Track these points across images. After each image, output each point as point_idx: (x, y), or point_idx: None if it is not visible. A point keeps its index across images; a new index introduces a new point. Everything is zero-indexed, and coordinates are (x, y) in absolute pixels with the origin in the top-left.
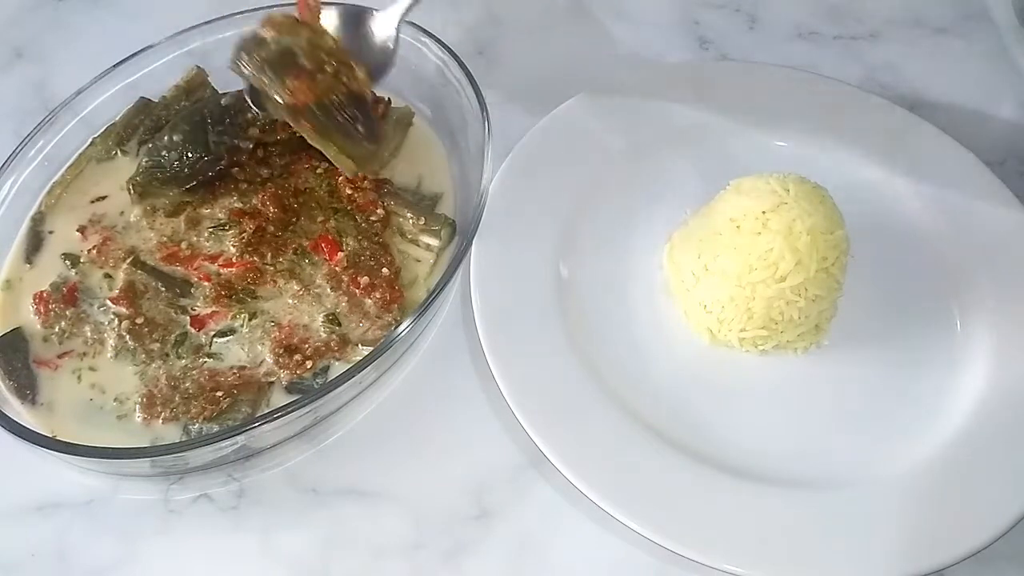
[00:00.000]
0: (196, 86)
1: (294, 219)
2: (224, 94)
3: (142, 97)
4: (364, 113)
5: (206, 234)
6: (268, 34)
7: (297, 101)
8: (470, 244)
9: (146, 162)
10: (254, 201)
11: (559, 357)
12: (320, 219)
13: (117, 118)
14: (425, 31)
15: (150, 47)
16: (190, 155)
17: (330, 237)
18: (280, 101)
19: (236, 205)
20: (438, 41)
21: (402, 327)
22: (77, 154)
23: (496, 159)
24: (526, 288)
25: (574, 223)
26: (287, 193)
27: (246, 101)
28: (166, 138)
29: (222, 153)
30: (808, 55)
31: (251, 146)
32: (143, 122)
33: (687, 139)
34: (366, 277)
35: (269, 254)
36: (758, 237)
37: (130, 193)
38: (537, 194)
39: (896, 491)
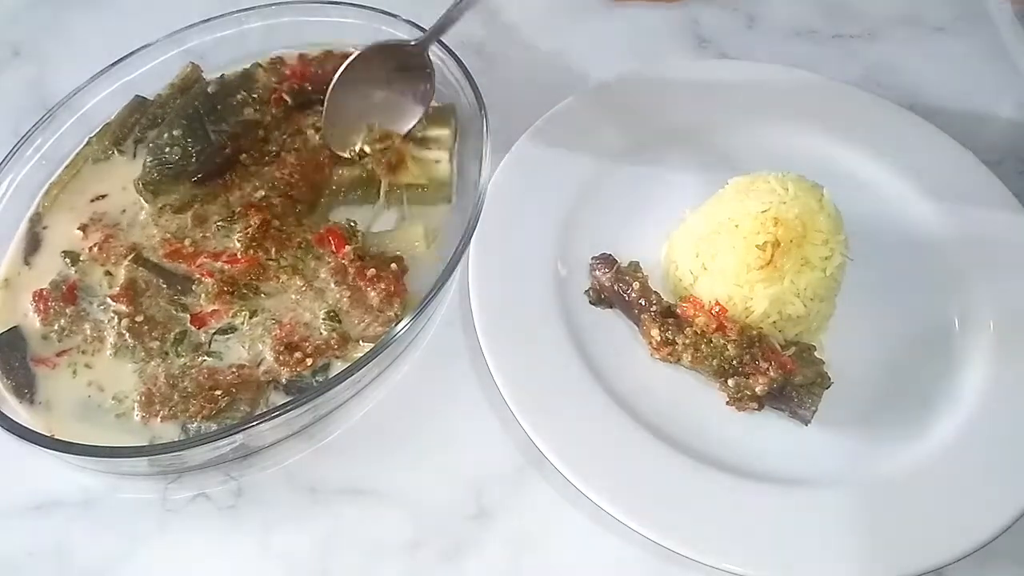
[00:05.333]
0: (191, 83)
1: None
2: (208, 83)
3: (137, 95)
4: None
5: (213, 229)
6: None
7: None
8: (468, 242)
9: (151, 161)
10: (276, 175)
11: (557, 355)
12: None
13: (112, 117)
14: (424, 30)
15: (147, 46)
16: (193, 148)
17: (337, 230)
18: None
19: (249, 193)
20: (437, 40)
21: (401, 324)
22: (73, 154)
23: (495, 158)
24: (524, 287)
25: (572, 222)
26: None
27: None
28: (165, 135)
29: (224, 141)
30: (806, 54)
31: (261, 120)
32: (139, 121)
33: (686, 138)
34: (373, 269)
35: (273, 249)
36: (756, 236)
37: (141, 194)
38: (535, 193)
39: (895, 490)
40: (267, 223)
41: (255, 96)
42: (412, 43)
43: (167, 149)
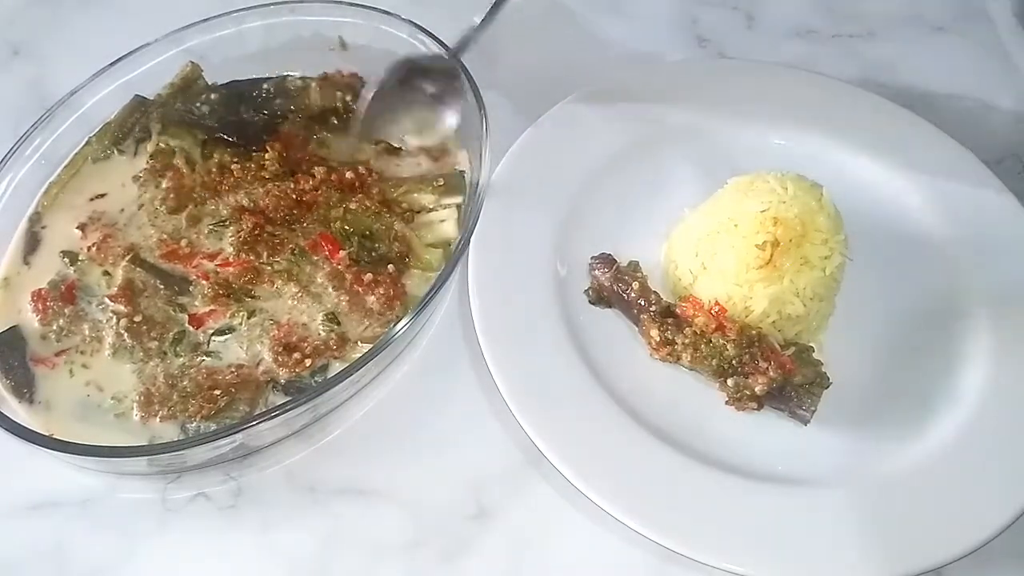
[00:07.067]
0: (191, 82)
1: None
2: (267, 79)
3: (137, 95)
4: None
5: (206, 231)
6: None
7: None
8: (468, 242)
9: (179, 106)
10: (263, 202)
11: (556, 355)
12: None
13: (112, 116)
14: (423, 29)
15: (147, 45)
16: (219, 111)
17: (331, 236)
18: None
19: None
20: (436, 39)
21: (400, 325)
22: (73, 154)
23: (494, 157)
24: (524, 287)
25: (572, 221)
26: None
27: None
28: (203, 95)
29: (251, 121)
30: (806, 53)
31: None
32: (138, 120)
33: (685, 138)
34: (370, 274)
35: (265, 253)
36: (756, 236)
37: (152, 125)
38: (535, 192)
39: (895, 490)
40: (260, 227)
41: (300, 117)
42: (444, 55)
43: (198, 104)
